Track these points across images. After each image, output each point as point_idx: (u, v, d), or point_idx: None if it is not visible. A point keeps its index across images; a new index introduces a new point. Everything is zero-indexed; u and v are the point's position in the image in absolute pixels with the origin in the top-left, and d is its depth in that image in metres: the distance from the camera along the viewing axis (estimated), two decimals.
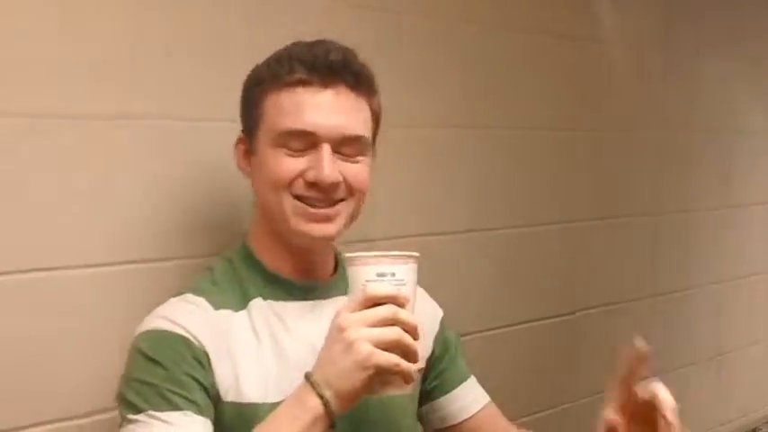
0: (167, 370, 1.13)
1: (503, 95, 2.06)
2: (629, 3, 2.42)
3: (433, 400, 1.40)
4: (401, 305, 1.09)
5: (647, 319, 2.60)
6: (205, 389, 1.15)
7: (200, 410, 1.13)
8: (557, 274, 2.25)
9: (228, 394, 1.17)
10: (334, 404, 1.07)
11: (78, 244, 1.35)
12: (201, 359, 1.15)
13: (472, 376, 1.44)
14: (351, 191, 1.22)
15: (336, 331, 1.08)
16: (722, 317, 2.97)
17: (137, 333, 1.18)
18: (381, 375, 1.08)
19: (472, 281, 2.00)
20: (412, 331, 1.09)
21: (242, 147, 1.28)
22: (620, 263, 2.49)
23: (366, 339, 1.06)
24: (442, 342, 1.41)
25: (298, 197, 1.20)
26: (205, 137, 1.48)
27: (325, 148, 1.18)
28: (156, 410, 1.11)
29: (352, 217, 1.26)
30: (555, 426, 2.22)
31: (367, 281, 1.10)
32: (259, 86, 1.23)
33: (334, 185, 1.20)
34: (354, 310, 1.08)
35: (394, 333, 1.07)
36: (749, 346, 3.13)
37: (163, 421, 1.10)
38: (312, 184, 1.19)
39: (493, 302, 2.07)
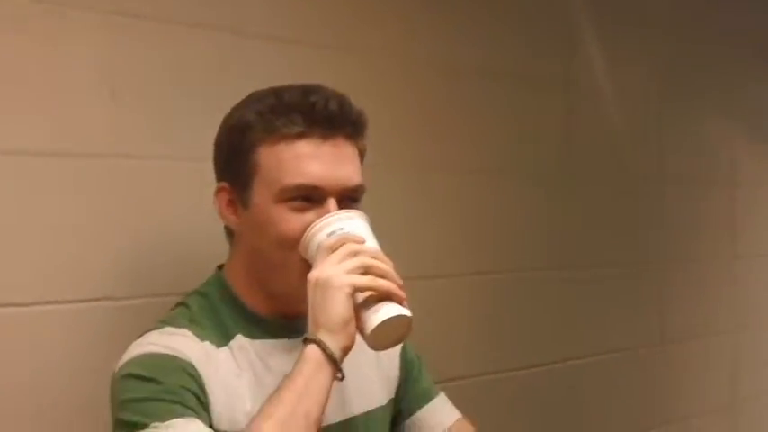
0: (162, 383, 1.11)
1: (499, 141, 2.10)
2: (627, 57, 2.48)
3: (400, 423, 1.39)
4: (357, 243, 1.13)
5: (655, 367, 2.60)
6: (201, 402, 1.13)
7: (199, 417, 1.11)
8: (549, 322, 2.26)
9: (221, 423, 1.15)
10: (329, 342, 1.09)
11: (41, 281, 1.36)
12: (195, 376, 1.14)
13: (440, 395, 1.42)
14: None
15: (310, 286, 1.11)
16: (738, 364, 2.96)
17: (119, 365, 1.16)
18: (368, 303, 1.10)
19: (463, 325, 2.02)
20: (378, 256, 1.13)
21: (225, 196, 1.23)
22: (627, 310, 2.49)
23: (336, 272, 1.10)
24: (404, 365, 1.40)
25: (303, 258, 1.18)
26: (167, 175, 1.50)
27: (332, 203, 1.18)
28: (159, 421, 1.08)
29: None
30: None
31: (320, 244, 1.14)
32: (248, 136, 1.19)
33: None
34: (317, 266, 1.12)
35: (358, 259, 1.11)
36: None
37: (169, 428, 1.07)
38: None
39: (485, 347, 2.08)
